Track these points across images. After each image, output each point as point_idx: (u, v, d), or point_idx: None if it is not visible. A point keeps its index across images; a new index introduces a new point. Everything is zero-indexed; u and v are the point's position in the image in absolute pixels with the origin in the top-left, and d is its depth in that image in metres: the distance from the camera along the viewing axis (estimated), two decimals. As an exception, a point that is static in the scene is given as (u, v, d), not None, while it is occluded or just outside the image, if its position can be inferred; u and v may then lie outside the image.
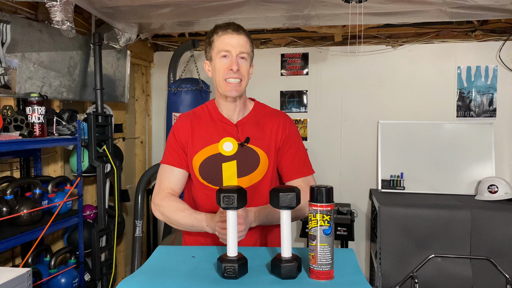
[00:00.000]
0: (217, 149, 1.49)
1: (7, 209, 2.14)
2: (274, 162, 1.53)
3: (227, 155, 1.49)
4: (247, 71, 1.47)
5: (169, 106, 3.28)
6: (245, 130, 1.52)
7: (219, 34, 1.45)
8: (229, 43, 1.43)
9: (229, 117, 1.53)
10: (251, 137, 1.50)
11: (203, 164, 1.50)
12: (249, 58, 1.48)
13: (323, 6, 2.59)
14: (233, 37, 1.44)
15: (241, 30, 1.46)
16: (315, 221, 1.11)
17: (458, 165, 3.35)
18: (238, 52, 1.44)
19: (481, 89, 3.47)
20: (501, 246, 2.71)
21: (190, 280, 1.11)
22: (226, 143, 1.49)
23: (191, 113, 1.59)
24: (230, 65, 1.43)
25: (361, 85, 3.64)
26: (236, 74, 1.44)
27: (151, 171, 3.72)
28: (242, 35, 1.45)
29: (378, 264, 2.87)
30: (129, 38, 3.09)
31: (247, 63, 1.47)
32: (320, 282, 1.09)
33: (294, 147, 1.55)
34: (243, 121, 1.54)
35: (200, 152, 1.50)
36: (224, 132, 1.51)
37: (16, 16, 2.31)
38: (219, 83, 1.48)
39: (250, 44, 1.48)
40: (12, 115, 2.12)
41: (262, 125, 1.54)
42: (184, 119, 1.57)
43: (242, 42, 1.45)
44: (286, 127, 1.54)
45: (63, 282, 2.47)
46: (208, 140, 1.50)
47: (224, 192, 1.13)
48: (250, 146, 1.50)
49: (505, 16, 2.75)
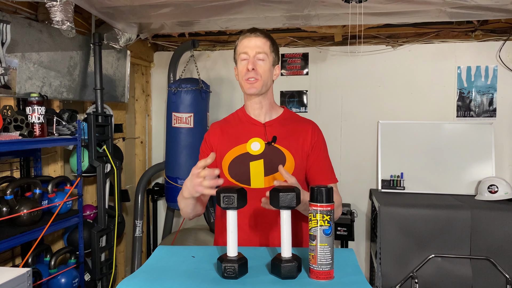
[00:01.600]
0: (245, 149, 1.55)
1: (7, 209, 2.14)
2: (301, 164, 1.56)
3: (254, 154, 1.54)
4: (264, 71, 1.53)
5: (169, 106, 3.28)
6: (273, 130, 1.58)
7: (240, 38, 1.56)
8: (247, 45, 1.53)
9: (256, 117, 1.60)
10: (278, 138, 1.56)
11: (232, 163, 1.56)
12: (269, 59, 1.55)
13: (323, 6, 2.59)
14: (251, 40, 1.53)
15: (259, 32, 1.55)
16: (315, 221, 1.11)
17: (458, 165, 3.35)
18: (255, 52, 1.52)
19: (481, 89, 3.47)
20: (501, 246, 2.71)
21: (190, 280, 1.11)
22: (254, 143, 1.56)
23: (222, 121, 1.70)
24: (247, 65, 1.51)
25: (361, 85, 3.64)
26: (252, 73, 1.51)
27: (151, 171, 3.72)
28: (260, 37, 1.54)
29: (378, 264, 2.87)
30: (129, 38, 3.09)
31: (266, 63, 1.54)
32: (320, 282, 1.09)
33: (323, 154, 1.61)
34: (271, 122, 1.60)
35: (229, 152, 1.57)
36: (253, 133, 1.58)
37: (16, 16, 2.31)
38: (241, 83, 1.56)
39: (270, 45, 1.55)
40: (12, 115, 2.12)
41: (290, 129, 1.60)
42: (214, 125, 1.67)
43: (259, 43, 1.53)
44: (315, 134, 1.60)
45: (63, 282, 2.47)
46: (237, 141, 1.57)
47: (224, 192, 1.13)
48: (277, 146, 1.55)
49: (505, 16, 2.75)
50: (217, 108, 3.82)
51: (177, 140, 3.23)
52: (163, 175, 3.70)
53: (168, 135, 3.32)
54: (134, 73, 3.80)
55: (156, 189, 3.85)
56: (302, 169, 1.57)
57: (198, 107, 3.23)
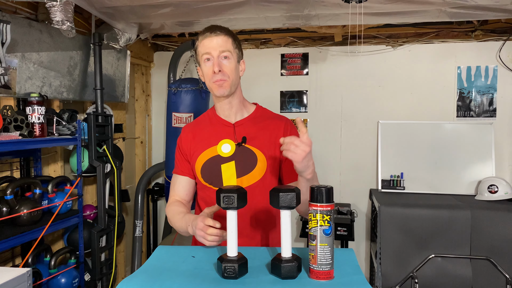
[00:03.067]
0: (216, 151, 1.52)
1: (7, 209, 2.14)
2: (274, 163, 1.53)
3: (225, 156, 1.51)
4: (231, 70, 1.47)
5: (169, 106, 3.28)
6: (242, 130, 1.53)
7: (200, 39, 1.48)
8: (209, 45, 1.45)
9: (227, 117, 1.56)
10: (249, 138, 1.52)
11: (204, 166, 1.53)
12: (234, 56, 1.48)
13: (323, 6, 2.58)
14: (212, 39, 1.45)
15: (219, 31, 1.46)
16: (315, 221, 1.11)
17: (458, 165, 3.35)
18: (218, 52, 1.44)
19: (481, 89, 3.47)
20: (501, 246, 2.71)
21: (190, 280, 1.11)
22: (224, 145, 1.52)
23: (193, 123, 1.65)
24: (212, 67, 1.45)
25: (361, 85, 3.64)
26: (219, 75, 1.45)
27: (151, 171, 3.72)
28: (221, 35, 1.45)
29: (378, 264, 2.87)
30: (129, 38, 3.09)
31: (231, 62, 1.47)
32: (320, 282, 1.09)
33: None
34: (241, 122, 1.55)
35: (201, 156, 1.54)
36: (222, 134, 1.54)
37: (16, 16, 2.31)
38: (209, 86, 1.51)
39: (232, 41, 1.47)
40: (12, 115, 2.12)
41: (262, 127, 1.55)
42: (186, 129, 1.63)
43: (221, 41, 1.45)
44: (287, 129, 1.55)
45: (63, 282, 2.47)
46: (207, 143, 1.54)
47: (224, 192, 1.13)
48: (247, 146, 1.51)
49: (505, 16, 2.75)
50: (217, 108, 3.81)
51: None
52: (163, 175, 3.70)
53: (168, 135, 3.32)
54: (134, 73, 3.80)
55: (156, 189, 3.85)
56: (274, 168, 1.54)
57: (198, 107, 3.23)
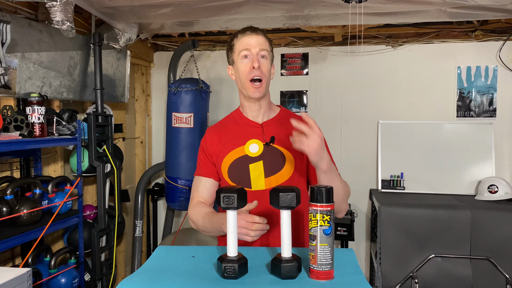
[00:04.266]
0: (244, 151, 1.53)
1: (7, 209, 2.14)
2: (301, 163, 1.54)
3: (253, 156, 1.53)
4: (268, 70, 1.52)
5: (169, 106, 3.28)
6: (270, 130, 1.56)
7: (239, 37, 1.52)
8: (249, 42, 1.50)
9: (254, 118, 1.58)
10: (277, 138, 1.54)
11: (231, 167, 1.54)
12: (270, 57, 1.54)
13: (323, 6, 2.58)
14: (252, 37, 1.50)
15: (259, 31, 1.53)
16: (315, 221, 1.11)
17: (458, 165, 3.35)
18: (258, 50, 1.49)
19: (481, 89, 3.47)
20: (501, 246, 2.71)
21: (190, 280, 1.11)
22: (252, 145, 1.54)
23: (218, 125, 1.67)
24: (251, 63, 1.48)
25: (361, 85, 3.64)
26: (258, 71, 1.48)
27: (151, 171, 3.72)
28: (261, 35, 1.52)
29: (378, 264, 2.87)
30: (129, 38, 3.09)
31: (268, 62, 1.52)
32: (320, 282, 1.09)
33: None
34: (269, 122, 1.58)
35: (227, 156, 1.54)
36: (250, 134, 1.55)
37: (16, 16, 2.31)
38: (243, 84, 1.52)
39: (269, 43, 1.54)
40: (12, 115, 2.12)
41: (288, 127, 1.53)
42: (211, 131, 1.64)
43: (261, 41, 1.51)
44: None
45: (63, 282, 2.47)
46: (234, 144, 1.55)
47: (224, 192, 1.13)
48: (275, 146, 1.53)
49: (505, 16, 2.75)
50: (217, 108, 3.82)
51: (177, 140, 3.23)
52: (163, 175, 3.70)
53: (168, 135, 3.32)
54: (134, 73, 3.80)
55: (156, 189, 3.85)
56: (302, 168, 1.56)
57: (198, 107, 3.23)
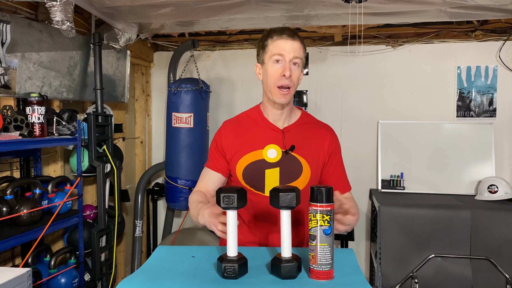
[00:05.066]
0: (261, 155, 1.51)
1: (7, 209, 2.14)
2: (316, 173, 1.54)
3: (270, 161, 1.50)
4: (297, 78, 1.48)
5: (169, 106, 3.28)
6: (291, 137, 1.53)
7: (274, 38, 1.45)
8: (283, 47, 1.43)
9: (275, 122, 1.55)
10: (296, 146, 1.51)
11: (246, 169, 1.52)
12: (302, 64, 1.48)
13: (323, 6, 2.58)
14: (287, 42, 1.43)
15: (296, 36, 1.45)
16: (315, 221, 1.11)
17: (458, 165, 3.35)
18: (292, 57, 1.43)
19: (481, 89, 3.47)
20: (501, 246, 2.71)
21: (190, 280, 1.11)
22: (270, 150, 1.51)
23: (235, 120, 1.62)
24: (283, 70, 1.43)
25: (361, 85, 3.64)
26: (288, 80, 1.43)
27: (151, 171, 3.72)
28: (297, 41, 1.45)
29: (378, 264, 2.87)
30: (129, 38, 3.09)
31: (299, 70, 1.47)
32: (320, 282, 1.09)
33: (339, 162, 1.59)
34: (290, 128, 1.55)
35: (244, 157, 1.52)
36: (270, 139, 1.52)
37: (16, 16, 2.31)
38: (269, 88, 1.48)
39: (303, 50, 1.48)
40: (12, 115, 2.12)
41: (308, 136, 1.55)
42: (227, 125, 1.59)
43: (297, 47, 1.44)
44: (332, 142, 1.57)
45: (63, 282, 2.47)
46: (252, 146, 1.52)
47: (224, 192, 1.13)
48: (294, 154, 1.51)
49: (505, 16, 2.75)
50: (217, 108, 3.82)
51: (177, 140, 3.23)
52: (163, 175, 3.70)
53: (168, 135, 3.32)
54: (134, 73, 3.80)
55: (156, 189, 3.85)
56: (317, 178, 1.55)
57: (198, 107, 3.23)
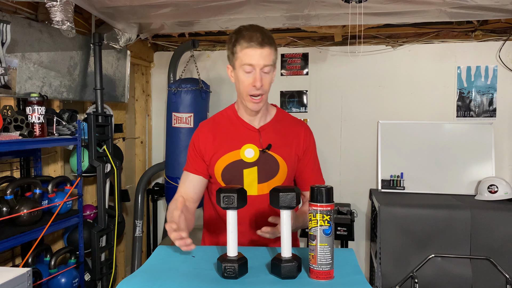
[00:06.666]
0: (239, 156, 1.52)
1: (7, 209, 2.14)
2: (292, 170, 1.56)
3: (248, 161, 1.51)
4: (269, 84, 1.47)
5: (169, 106, 3.28)
6: (267, 136, 1.54)
7: (243, 45, 1.41)
8: (253, 57, 1.40)
9: (250, 122, 1.56)
10: (273, 144, 1.52)
11: (225, 170, 1.53)
12: (273, 69, 1.47)
13: (323, 6, 2.59)
14: (256, 51, 1.40)
15: (266, 42, 1.41)
16: (315, 221, 1.11)
17: (458, 165, 3.35)
18: (262, 66, 1.41)
19: (481, 89, 3.47)
20: (501, 246, 2.71)
21: (190, 280, 1.11)
22: (248, 150, 1.52)
23: (211, 120, 1.62)
24: (253, 81, 1.42)
25: (361, 85, 3.64)
26: (260, 90, 1.43)
27: (151, 171, 3.72)
28: (266, 48, 1.41)
29: (378, 264, 2.87)
30: (129, 38, 3.09)
31: (270, 75, 1.46)
32: (320, 282, 1.09)
33: (314, 157, 1.61)
34: (265, 126, 1.56)
35: (222, 158, 1.52)
36: (246, 138, 1.53)
37: (16, 16, 2.31)
38: (242, 95, 1.48)
39: (274, 52, 1.45)
40: (12, 115, 2.12)
41: (283, 133, 1.56)
42: (204, 127, 1.59)
43: (266, 54, 1.41)
44: (307, 138, 1.59)
45: (63, 282, 2.47)
46: (230, 147, 1.53)
47: (224, 192, 1.13)
48: (270, 153, 1.52)
49: (505, 16, 2.75)
50: (217, 108, 3.77)
51: (177, 140, 3.23)
52: (163, 175, 3.70)
53: (168, 135, 3.32)
54: (134, 73, 3.80)
55: (156, 189, 3.85)
56: (293, 175, 1.58)
57: (198, 107, 3.23)
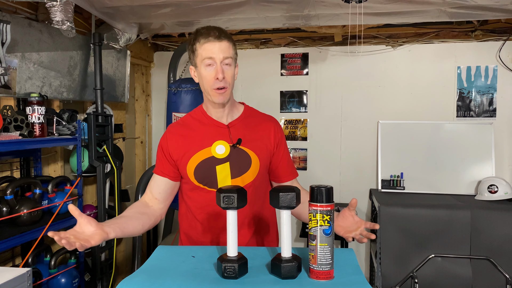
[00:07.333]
0: (210, 153, 1.53)
1: (7, 209, 2.14)
2: (265, 163, 1.58)
3: (220, 157, 1.53)
4: (232, 77, 1.49)
5: (169, 106, 3.28)
6: (237, 131, 1.56)
7: (201, 41, 1.46)
8: (212, 50, 1.44)
9: (219, 119, 1.57)
10: (243, 139, 1.55)
11: (197, 168, 1.53)
12: (233, 62, 1.50)
13: (323, 6, 2.58)
14: (215, 44, 1.44)
15: (223, 36, 1.46)
16: (315, 221, 1.11)
17: (458, 165, 3.35)
18: (222, 58, 1.45)
19: (481, 89, 3.47)
20: (501, 246, 2.71)
21: (190, 280, 1.11)
22: (219, 146, 1.53)
23: (180, 122, 1.63)
24: (215, 74, 1.45)
25: (361, 85, 3.64)
26: (222, 82, 1.46)
27: (151, 171, 3.72)
28: (224, 41, 1.46)
29: (378, 264, 2.87)
30: (129, 38, 3.09)
31: (232, 68, 1.49)
32: (320, 282, 1.09)
33: (286, 150, 1.65)
34: (234, 122, 1.58)
35: (193, 157, 1.53)
36: (216, 135, 1.55)
37: (16, 16, 2.31)
38: (207, 91, 1.51)
39: (232, 47, 1.49)
40: (12, 115, 2.12)
41: (253, 128, 1.59)
42: (172, 129, 1.61)
43: (225, 47, 1.45)
44: (277, 133, 1.62)
45: (63, 282, 2.47)
46: (200, 145, 1.54)
47: (224, 192, 1.13)
48: (241, 147, 1.54)
49: (505, 16, 2.75)
50: (217, 108, 3.81)
51: (177, 140, 3.22)
52: (163, 175, 3.70)
53: (168, 135, 3.32)
54: (134, 73, 3.80)
55: (156, 189, 3.84)
56: (266, 168, 1.60)
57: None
